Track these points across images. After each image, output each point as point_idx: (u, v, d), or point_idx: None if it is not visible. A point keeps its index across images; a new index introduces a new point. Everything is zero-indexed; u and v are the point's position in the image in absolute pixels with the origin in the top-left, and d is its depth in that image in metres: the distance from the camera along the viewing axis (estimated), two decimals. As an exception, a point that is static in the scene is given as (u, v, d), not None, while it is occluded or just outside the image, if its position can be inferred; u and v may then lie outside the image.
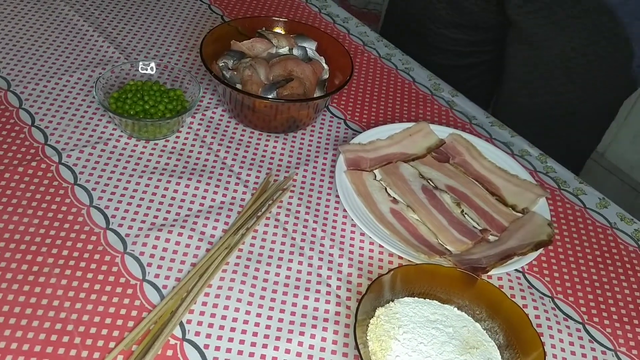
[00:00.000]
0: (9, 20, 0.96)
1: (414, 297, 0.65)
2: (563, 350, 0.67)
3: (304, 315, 0.65)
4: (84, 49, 0.94)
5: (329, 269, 0.70)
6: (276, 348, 0.61)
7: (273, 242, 0.71)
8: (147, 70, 0.86)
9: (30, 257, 0.64)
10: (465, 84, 1.16)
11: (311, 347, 0.62)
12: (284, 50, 0.90)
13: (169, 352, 0.59)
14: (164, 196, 0.74)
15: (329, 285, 0.68)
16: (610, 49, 0.97)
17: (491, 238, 0.76)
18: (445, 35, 1.11)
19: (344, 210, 0.77)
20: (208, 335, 0.61)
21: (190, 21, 1.05)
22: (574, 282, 0.74)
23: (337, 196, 0.78)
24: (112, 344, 0.58)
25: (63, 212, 0.70)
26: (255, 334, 0.62)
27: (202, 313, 0.63)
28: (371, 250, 0.73)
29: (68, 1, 1.03)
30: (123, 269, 0.65)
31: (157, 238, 0.69)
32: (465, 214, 0.78)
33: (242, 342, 0.61)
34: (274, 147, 0.84)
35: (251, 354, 0.60)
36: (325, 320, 0.65)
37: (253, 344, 0.61)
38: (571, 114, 1.05)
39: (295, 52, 0.90)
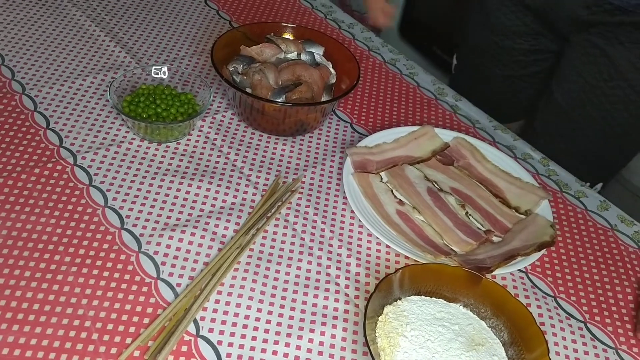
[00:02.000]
0: (22, 25, 0.98)
1: (420, 295, 0.67)
2: (566, 348, 0.68)
3: (313, 313, 0.66)
4: (96, 54, 0.96)
5: (338, 268, 0.72)
6: (287, 344, 0.63)
7: (283, 242, 0.73)
8: (159, 74, 0.88)
9: (47, 256, 0.66)
10: (519, 93, 1.18)
11: (321, 343, 0.64)
12: (293, 55, 0.92)
13: (184, 348, 0.61)
14: (176, 197, 0.76)
15: (337, 284, 0.70)
16: None
17: (495, 239, 0.78)
18: (509, 47, 1.12)
19: (352, 211, 0.78)
20: (221, 332, 0.63)
21: (199, 27, 1.07)
22: (576, 282, 0.76)
23: (345, 198, 0.80)
24: (128, 340, 0.60)
25: (79, 212, 0.71)
26: (266, 331, 0.64)
27: (215, 310, 0.65)
28: (378, 251, 0.75)
29: (79, 7, 1.05)
30: (138, 268, 0.67)
31: (171, 238, 0.71)
32: (470, 215, 0.80)
33: (254, 338, 0.63)
34: (283, 149, 0.86)
35: (263, 350, 0.62)
36: (335, 317, 0.66)
37: (265, 341, 0.63)
38: (618, 134, 1.03)
39: (303, 57, 0.92)
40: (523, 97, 1.19)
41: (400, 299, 0.66)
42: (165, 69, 0.88)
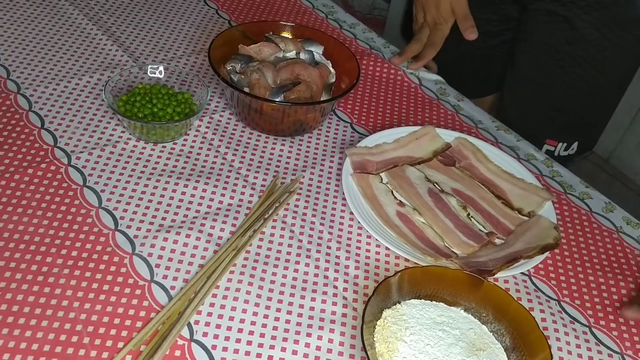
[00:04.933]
0: (18, 24, 0.97)
1: (420, 299, 0.65)
2: (570, 353, 0.67)
3: (310, 317, 0.65)
4: (93, 53, 0.95)
5: (336, 270, 0.70)
6: (283, 349, 0.61)
7: (280, 244, 0.72)
8: (155, 73, 0.86)
9: (39, 257, 0.65)
10: (491, 64, 1.19)
11: (318, 348, 0.62)
12: (291, 54, 0.91)
13: (177, 353, 0.59)
14: (172, 198, 0.74)
15: (335, 287, 0.68)
16: (628, 30, 1.01)
17: (497, 241, 0.76)
18: (476, 18, 1.12)
19: (351, 212, 0.77)
20: (216, 336, 0.61)
21: (198, 26, 1.06)
22: (580, 286, 0.74)
23: (344, 199, 0.78)
24: (120, 344, 0.59)
25: (72, 213, 0.70)
26: (262, 335, 0.62)
27: (209, 314, 0.63)
28: (377, 253, 0.73)
29: (77, 5, 1.04)
30: (131, 270, 0.66)
31: (165, 239, 0.69)
32: (472, 217, 0.78)
33: (249, 342, 0.61)
34: (281, 150, 0.85)
35: (258, 355, 0.61)
36: (332, 321, 0.65)
37: (260, 345, 0.61)
38: (585, 92, 1.07)
39: (302, 56, 0.91)
40: (493, 69, 1.20)
41: (399, 302, 0.64)
42: (161, 68, 0.87)
